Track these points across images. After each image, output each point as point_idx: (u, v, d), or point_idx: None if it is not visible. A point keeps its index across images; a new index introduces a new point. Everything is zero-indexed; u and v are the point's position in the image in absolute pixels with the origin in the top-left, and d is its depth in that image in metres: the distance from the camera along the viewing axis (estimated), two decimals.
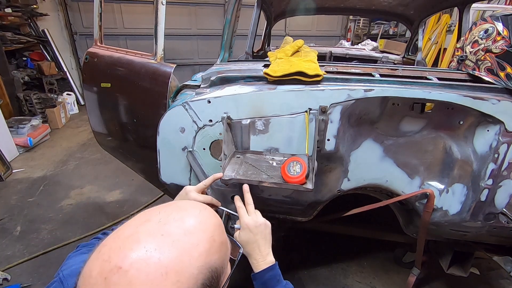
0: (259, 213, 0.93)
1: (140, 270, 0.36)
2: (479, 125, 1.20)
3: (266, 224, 0.90)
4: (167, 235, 0.41)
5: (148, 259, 0.37)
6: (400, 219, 1.59)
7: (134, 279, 0.36)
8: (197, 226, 0.45)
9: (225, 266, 0.48)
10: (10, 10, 4.56)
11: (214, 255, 0.44)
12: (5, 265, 2.01)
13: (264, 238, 0.88)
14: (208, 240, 0.44)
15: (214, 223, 0.48)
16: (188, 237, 0.43)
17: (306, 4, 2.83)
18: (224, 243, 0.48)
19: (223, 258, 0.47)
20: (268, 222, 0.90)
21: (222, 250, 0.47)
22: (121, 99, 1.81)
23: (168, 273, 0.37)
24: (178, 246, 0.41)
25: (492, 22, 1.24)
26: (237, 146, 1.31)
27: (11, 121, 3.80)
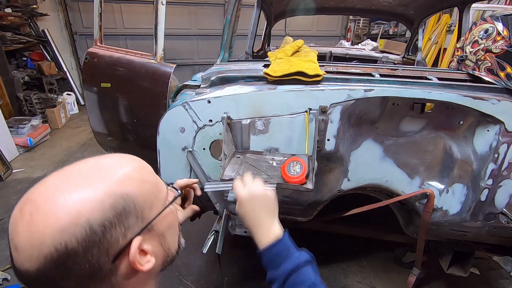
0: (259, 182, 0.80)
1: (45, 199, 0.40)
2: (479, 125, 1.20)
3: (266, 194, 0.77)
4: (77, 172, 0.45)
5: (54, 188, 0.42)
6: (400, 219, 1.59)
7: (42, 206, 0.40)
8: (111, 164, 0.48)
9: (150, 202, 0.49)
10: (10, 10, 4.56)
11: (129, 187, 0.46)
12: (5, 265, 2.00)
13: (266, 209, 0.77)
14: (123, 174, 0.47)
15: (136, 164, 0.51)
16: (101, 172, 0.46)
17: (306, 4, 2.83)
18: (148, 182, 0.50)
19: (144, 194, 0.48)
20: (270, 190, 0.78)
21: (144, 186, 0.48)
22: (121, 99, 1.81)
23: (72, 198, 0.40)
24: (87, 178, 0.44)
25: (492, 22, 1.24)
26: (237, 146, 1.31)
27: (11, 121, 3.79)
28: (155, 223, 0.50)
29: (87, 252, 0.40)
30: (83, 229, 0.39)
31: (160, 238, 0.52)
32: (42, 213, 0.39)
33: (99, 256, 0.41)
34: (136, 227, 0.46)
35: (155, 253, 0.50)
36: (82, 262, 0.40)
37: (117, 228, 0.43)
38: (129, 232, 0.45)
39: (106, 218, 0.42)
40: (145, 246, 0.48)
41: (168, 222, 0.54)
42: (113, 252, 0.43)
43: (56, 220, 0.39)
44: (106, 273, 0.43)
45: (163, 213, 0.52)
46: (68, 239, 0.39)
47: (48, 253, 0.38)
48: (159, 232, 0.51)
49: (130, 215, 0.45)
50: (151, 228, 0.49)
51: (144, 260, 0.47)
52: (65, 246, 0.38)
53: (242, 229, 1.58)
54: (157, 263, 0.51)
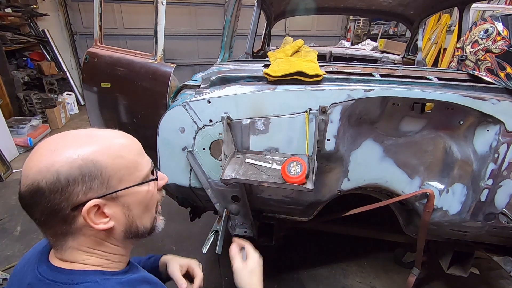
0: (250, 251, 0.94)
1: (44, 146, 0.55)
2: (479, 125, 1.20)
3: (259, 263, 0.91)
4: (74, 134, 0.57)
5: (52, 140, 0.55)
6: (400, 219, 1.59)
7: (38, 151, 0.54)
8: (101, 134, 0.59)
9: (121, 175, 0.57)
10: (10, 10, 4.56)
11: (102, 156, 0.55)
12: (5, 265, 2.00)
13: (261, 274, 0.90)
14: (102, 144, 0.57)
15: (121, 141, 0.60)
16: (88, 138, 0.57)
17: (306, 4, 2.83)
18: (125, 159, 0.58)
19: (116, 167, 0.56)
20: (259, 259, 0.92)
21: (117, 160, 0.57)
22: (121, 99, 1.81)
23: (55, 151, 0.53)
24: (75, 140, 0.56)
25: (492, 22, 1.24)
26: (237, 146, 1.31)
27: (11, 121, 3.80)
28: (121, 194, 0.58)
29: (51, 193, 0.51)
30: (51, 176, 0.51)
31: (124, 208, 0.59)
32: (36, 156, 0.53)
33: (60, 201, 0.52)
34: (99, 191, 0.55)
35: (116, 218, 0.59)
36: (46, 200, 0.52)
37: (79, 186, 0.53)
38: (90, 193, 0.54)
39: (71, 174, 0.52)
40: (106, 209, 0.57)
41: (138, 199, 0.61)
42: (72, 202, 0.53)
43: (38, 163, 0.52)
44: (65, 216, 0.54)
45: (133, 189, 0.59)
46: (40, 179, 0.51)
47: (28, 185, 0.51)
48: (125, 203, 0.59)
49: (95, 179, 0.54)
50: (116, 197, 0.57)
51: (101, 220, 0.57)
52: (37, 183, 0.51)
53: (242, 229, 1.58)
54: (118, 229, 0.60)
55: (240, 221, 1.54)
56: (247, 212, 1.46)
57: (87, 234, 0.57)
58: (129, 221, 0.61)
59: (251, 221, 1.51)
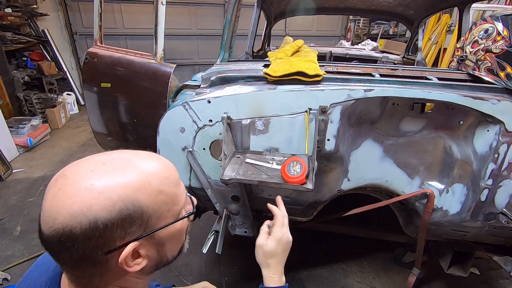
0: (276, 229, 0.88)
1: (74, 179, 0.46)
2: (479, 125, 1.20)
3: (290, 242, 0.86)
4: (108, 164, 0.49)
5: (84, 173, 0.47)
6: (400, 219, 1.59)
7: (68, 186, 0.46)
8: (139, 166, 0.51)
9: (160, 213, 0.51)
10: (10, 10, 4.55)
11: (143, 195, 0.48)
12: (5, 265, 2.00)
13: (284, 255, 0.85)
14: (142, 180, 0.49)
15: (161, 173, 0.53)
16: (125, 170, 0.49)
17: (306, 4, 2.83)
18: (165, 194, 0.52)
19: (156, 205, 0.50)
20: (283, 241, 0.86)
21: (159, 197, 0.51)
22: (121, 99, 1.81)
23: (91, 189, 0.45)
24: (112, 173, 0.48)
25: (492, 22, 1.24)
26: (237, 146, 1.31)
27: (11, 121, 3.79)
28: (158, 233, 0.52)
29: (85, 240, 0.45)
30: (88, 221, 0.44)
31: (158, 245, 0.54)
32: (65, 192, 0.46)
33: (94, 247, 0.46)
34: (137, 233, 0.49)
35: (148, 257, 0.53)
36: (79, 247, 0.45)
37: (117, 230, 0.47)
38: (128, 236, 0.48)
39: (111, 219, 0.45)
40: (141, 250, 0.51)
41: (173, 234, 0.56)
42: (108, 248, 0.47)
43: (72, 205, 0.44)
44: (97, 261, 0.48)
45: (171, 227, 0.54)
46: (74, 225, 0.44)
47: (57, 229, 0.44)
48: (160, 240, 0.53)
49: (134, 222, 0.48)
50: (152, 236, 0.52)
51: (135, 262, 0.51)
52: (70, 229, 0.44)
53: (242, 229, 1.58)
54: (148, 266, 0.54)
55: (240, 221, 1.54)
56: (247, 212, 1.46)
57: (116, 274, 0.52)
58: (161, 257, 0.56)
59: (251, 221, 1.51)
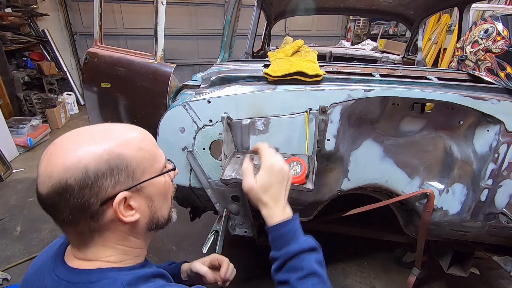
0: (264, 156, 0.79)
1: (63, 143, 0.54)
2: (479, 125, 1.20)
3: (284, 169, 0.77)
4: (91, 130, 0.58)
5: (71, 138, 0.56)
6: (400, 219, 1.59)
7: (59, 149, 0.53)
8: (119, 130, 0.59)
9: (143, 167, 0.58)
10: (10, 10, 4.56)
11: (126, 150, 0.56)
12: (5, 265, 2.01)
13: (286, 188, 0.77)
14: (123, 139, 0.57)
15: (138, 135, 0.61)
16: (107, 133, 0.57)
17: (306, 4, 2.83)
18: (145, 151, 0.59)
19: (139, 159, 0.58)
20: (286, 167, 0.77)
21: (140, 153, 0.58)
22: (121, 99, 1.81)
23: (79, 148, 0.53)
24: (96, 136, 0.56)
25: (492, 22, 1.24)
26: (237, 146, 1.31)
27: (11, 121, 3.79)
28: (144, 186, 0.59)
29: (80, 190, 0.51)
30: (80, 172, 0.51)
31: (148, 200, 0.60)
32: (57, 154, 0.52)
33: (89, 197, 0.52)
34: (126, 184, 0.56)
35: (140, 210, 0.59)
36: (76, 197, 0.51)
37: (107, 180, 0.53)
38: (118, 186, 0.55)
39: (100, 169, 0.52)
40: (132, 202, 0.57)
41: (158, 190, 0.62)
42: (102, 197, 0.53)
43: (64, 161, 0.51)
44: (94, 212, 0.54)
45: (154, 180, 0.60)
46: (68, 177, 0.50)
47: (54, 184, 0.51)
48: (148, 194, 0.60)
49: (122, 172, 0.55)
50: (141, 189, 0.58)
51: (129, 213, 0.57)
52: (65, 181, 0.50)
53: (242, 229, 1.58)
54: (142, 221, 0.61)
55: (240, 221, 1.54)
56: (247, 212, 1.46)
57: (113, 229, 0.58)
58: (152, 212, 0.62)
59: (251, 221, 1.51)
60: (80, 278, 0.55)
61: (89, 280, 0.55)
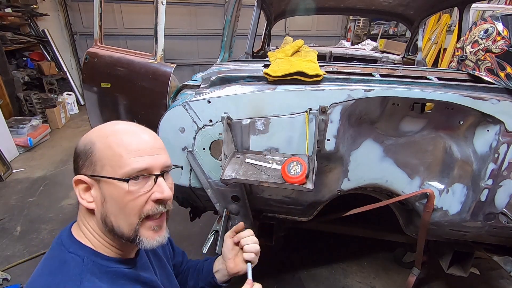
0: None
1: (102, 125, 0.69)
2: (479, 125, 1.20)
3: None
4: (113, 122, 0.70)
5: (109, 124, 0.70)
6: (400, 219, 1.59)
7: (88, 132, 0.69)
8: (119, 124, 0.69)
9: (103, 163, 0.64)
10: (10, 10, 4.56)
11: (98, 142, 0.65)
12: (5, 265, 2.00)
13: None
14: (106, 132, 0.66)
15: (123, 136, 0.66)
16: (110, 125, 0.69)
17: (306, 4, 2.83)
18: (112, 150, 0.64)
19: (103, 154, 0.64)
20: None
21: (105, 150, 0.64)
22: (121, 99, 1.81)
23: (94, 130, 0.68)
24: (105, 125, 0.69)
25: (492, 22, 1.24)
26: (237, 146, 1.31)
27: (11, 121, 3.79)
28: (102, 183, 0.64)
29: (75, 158, 0.67)
30: (77, 146, 0.67)
31: (102, 198, 0.64)
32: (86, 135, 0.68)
33: (76, 166, 0.67)
34: (87, 170, 0.65)
35: (96, 204, 0.65)
36: (75, 160, 0.67)
37: (81, 160, 0.65)
38: (84, 168, 0.65)
39: (79, 148, 0.66)
40: (92, 191, 0.65)
41: (113, 194, 0.64)
42: (77, 171, 0.66)
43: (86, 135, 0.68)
44: None
45: (110, 181, 0.63)
46: (79, 145, 0.67)
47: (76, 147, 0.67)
48: (103, 192, 0.64)
49: (87, 158, 0.64)
50: (98, 182, 0.64)
51: (85, 196, 0.65)
52: (76, 147, 0.67)
53: None
54: (97, 215, 0.66)
55: (240, 221, 1.54)
56: (247, 212, 1.46)
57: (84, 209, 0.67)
58: (104, 212, 0.65)
59: (251, 221, 1.51)
60: (66, 243, 0.65)
61: (68, 247, 0.64)
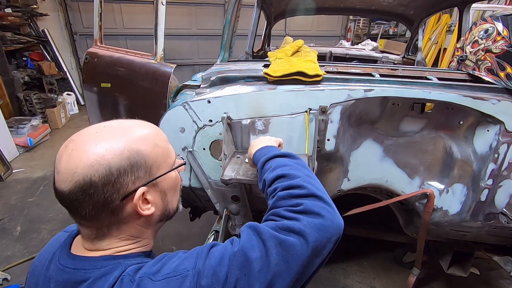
0: None
1: (83, 141, 0.54)
2: (479, 125, 1.20)
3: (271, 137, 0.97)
4: (108, 127, 0.58)
5: (90, 135, 0.55)
6: (400, 219, 1.59)
7: (80, 146, 0.53)
8: (133, 125, 0.61)
9: (159, 163, 0.60)
10: (10, 10, 4.56)
11: (143, 146, 0.57)
12: (5, 265, 2.01)
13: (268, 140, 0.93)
14: (139, 135, 0.59)
15: (152, 132, 0.63)
16: (125, 130, 0.58)
17: (306, 4, 2.83)
18: (160, 147, 0.61)
19: (155, 155, 0.59)
20: None
21: (155, 149, 0.60)
22: (121, 99, 1.81)
23: (100, 144, 0.53)
24: (113, 132, 0.57)
25: (492, 22, 1.24)
26: (237, 146, 1.31)
27: (11, 121, 3.79)
28: (159, 181, 0.61)
29: (104, 186, 0.52)
30: (104, 169, 0.52)
31: (162, 194, 0.62)
32: (79, 151, 0.53)
33: (112, 192, 0.53)
34: (144, 179, 0.57)
35: (155, 204, 0.61)
36: (99, 193, 0.52)
37: (128, 175, 0.55)
38: (137, 181, 0.56)
39: (122, 165, 0.54)
40: (148, 196, 0.59)
41: (170, 183, 0.65)
42: (123, 192, 0.55)
43: (88, 158, 0.52)
44: (115, 207, 0.55)
45: (168, 174, 0.63)
46: (92, 174, 0.51)
47: (78, 180, 0.51)
48: (162, 188, 0.62)
49: (141, 168, 0.56)
50: (156, 183, 0.60)
51: (146, 207, 0.59)
52: (90, 178, 0.51)
53: None
54: (156, 213, 0.62)
55: (240, 221, 1.54)
56: (247, 212, 1.46)
57: (130, 222, 0.59)
58: (165, 205, 0.64)
59: (251, 221, 1.51)
60: (85, 265, 0.56)
61: (94, 266, 0.55)
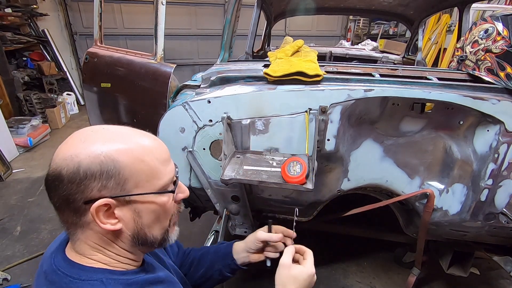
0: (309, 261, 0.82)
1: (75, 136, 0.56)
2: (479, 125, 1.20)
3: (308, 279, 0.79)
4: (107, 130, 0.59)
5: (84, 132, 0.57)
6: (400, 219, 1.59)
7: (69, 139, 0.56)
8: (131, 137, 0.59)
9: (138, 180, 0.57)
10: (10, 10, 4.56)
11: (124, 157, 0.55)
12: (5, 265, 2.01)
13: None
14: (127, 147, 0.57)
15: (147, 147, 0.59)
16: (117, 135, 0.58)
17: (306, 4, 2.83)
18: (146, 164, 0.58)
19: (135, 170, 0.56)
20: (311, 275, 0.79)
21: (139, 165, 0.57)
22: (121, 99, 1.81)
23: (84, 142, 0.55)
24: (106, 135, 0.57)
25: (492, 22, 1.24)
26: (237, 146, 1.31)
27: (11, 121, 3.79)
28: (134, 199, 0.57)
29: (69, 183, 0.53)
30: (73, 166, 0.53)
31: (135, 214, 0.59)
32: (66, 144, 0.56)
33: (75, 192, 0.53)
34: (113, 191, 0.55)
35: (124, 222, 0.58)
36: (64, 188, 0.53)
37: (95, 181, 0.54)
38: (104, 190, 0.54)
39: (90, 168, 0.53)
40: (117, 211, 0.57)
41: (150, 208, 0.60)
42: (85, 196, 0.54)
43: (66, 151, 0.54)
44: (77, 208, 0.55)
45: (147, 197, 0.59)
46: (63, 167, 0.53)
47: (52, 169, 0.54)
48: (136, 209, 0.59)
49: (111, 178, 0.54)
50: (129, 201, 0.57)
51: (110, 221, 0.56)
52: (59, 170, 0.53)
53: (242, 229, 1.58)
54: (126, 233, 0.60)
55: (240, 221, 1.54)
56: (247, 212, 1.46)
57: (95, 230, 0.57)
58: (137, 228, 0.60)
59: (251, 221, 1.51)
60: (72, 272, 0.56)
61: (79, 276, 0.56)
